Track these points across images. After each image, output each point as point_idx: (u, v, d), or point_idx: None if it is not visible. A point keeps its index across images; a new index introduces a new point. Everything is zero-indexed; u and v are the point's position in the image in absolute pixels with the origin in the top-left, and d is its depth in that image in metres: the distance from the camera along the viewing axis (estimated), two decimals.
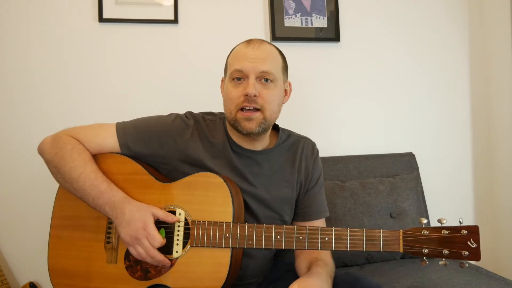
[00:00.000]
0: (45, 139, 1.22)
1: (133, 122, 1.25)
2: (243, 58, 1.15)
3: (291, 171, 1.27)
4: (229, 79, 1.17)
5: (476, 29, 2.17)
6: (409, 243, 1.01)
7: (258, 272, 1.28)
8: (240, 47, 1.20)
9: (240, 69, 1.14)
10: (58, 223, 1.22)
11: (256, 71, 1.13)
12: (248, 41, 1.19)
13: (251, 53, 1.15)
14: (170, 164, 1.21)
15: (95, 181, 1.13)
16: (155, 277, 1.12)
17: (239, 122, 1.15)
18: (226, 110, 1.19)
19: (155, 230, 1.09)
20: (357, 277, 1.14)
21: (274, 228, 1.09)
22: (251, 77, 1.13)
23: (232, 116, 1.16)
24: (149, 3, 1.83)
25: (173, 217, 1.12)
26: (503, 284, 1.47)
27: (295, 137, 1.31)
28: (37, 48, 1.76)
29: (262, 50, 1.16)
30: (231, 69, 1.17)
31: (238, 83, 1.15)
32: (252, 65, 1.13)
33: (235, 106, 1.15)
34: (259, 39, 1.21)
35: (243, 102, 1.13)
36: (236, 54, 1.19)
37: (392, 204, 1.77)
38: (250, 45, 1.17)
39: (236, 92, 1.15)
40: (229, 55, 1.23)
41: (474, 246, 0.97)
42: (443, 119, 2.14)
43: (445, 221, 1.00)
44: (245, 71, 1.14)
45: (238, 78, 1.15)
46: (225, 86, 1.21)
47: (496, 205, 2.16)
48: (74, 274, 1.18)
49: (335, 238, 1.06)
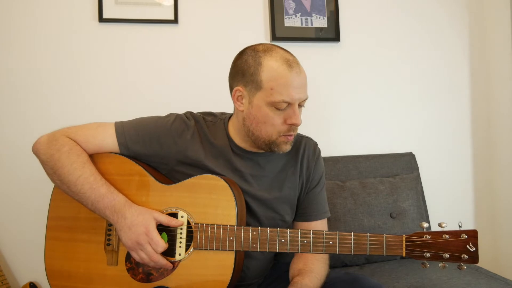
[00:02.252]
0: (40, 139, 1.18)
1: (133, 122, 1.23)
2: (291, 88, 1.08)
3: (293, 171, 1.26)
4: (269, 104, 1.10)
5: (476, 29, 2.17)
6: (411, 248, 1.03)
7: (258, 273, 1.28)
8: (282, 71, 1.08)
9: (289, 101, 1.09)
10: (55, 224, 1.21)
11: (300, 100, 1.12)
12: (288, 62, 1.10)
13: (297, 81, 1.09)
14: (169, 165, 1.20)
15: (94, 184, 1.11)
16: (157, 279, 1.11)
17: (278, 144, 1.14)
18: (263, 133, 1.13)
19: (157, 235, 1.08)
20: (357, 277, 1.14)
21: (279, 232, 1.09)
22: (296, 106, 1.11)
23: (272, 139, 1.14)
24: (149, 3, 1.82)
25: (177, 221, 1.11)
26: (503, 284, 1.47)
27: (296, 137, 1.30)
28: (37, 48, 1.76)
29: (303, 74, 1.12)
30: (276, 98, 1.08)
31: (281, 110, 1.11)
32: (299, 95, 1.10)
33: (277, 132, 1.12)
34: (293, 56, 1.13)
35: (288, 130, 1.12)
36: (279, 79, 1.08)
37: (392, 204, 1.77)
38: (293, 70, 1.09)
39: (279, 119, 1.11)
40: (263, 73, 1.09)
41: (473, 250, 1.00)
42: (443, 119, 2.14)
43: (445, 225, 1.02)
44: (292, 102, 1.10)
45: None
46: (258, 107, 1.12)
47: (496, 205, 2.16)
48: (73, 276, 1.16)
49: (339, 242, 1.06)
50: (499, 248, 2.13)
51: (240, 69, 1.14)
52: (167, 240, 1.11)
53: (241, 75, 1.13)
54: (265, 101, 1.10)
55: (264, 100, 1.10)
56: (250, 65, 1.11)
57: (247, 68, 1.12)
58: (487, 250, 2.14)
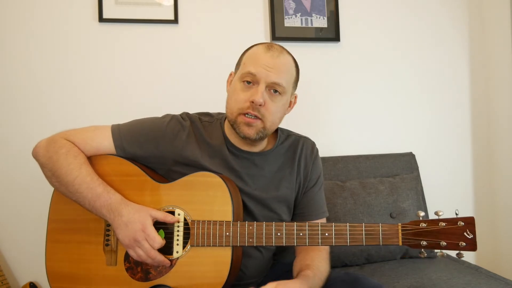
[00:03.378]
0: (40, 143, 1.21)
1: (128, 124, 1.25)
2: (260, 63, 1.13)
3: (290, 171, 1.26)
4: (239, 79, 1.15)
5: (476, 29, 2.17)
6: (408, 236, 1.03)
7: (257, 272, 1.28)
8: (259, 49, 1.16)
9: (254, 73, 1.12)
10: (55, 226, 1.22)
11: (268, 80, 1.12)
12: (270, 45, 1.16)
13: (269, 60, 1.13)
14: (166, 165, 1.21)
15: (91, 184, 1.12)
16: (156, 278, 1.11)
17: (238, 125, 1.14)
18: (228, 109, 1.18)
19: (154, 232, 1.09)
20: (357, 277, 1.14)
21: (274, 225, 1.09)
22: (261, 84, 1.12)
23: (233, 116, 1.16)
24: (149, 3, 1.83)
25: (173, 217, 1.12)
26: (503, 284, 1.47)
27: (294, 136, 1.31)
28: (37, 48, 1.76)
29: (280, 60, 1.14)
30: (244, 70, 1.14)
31: (248, 87, 1.14)
32: (266, 73, 1.12)
33: (238, 109, 1.14)
34: (281, 46, 1.18)
35: (248, 108, 1.12)
36: (253, 56, 1.16)
37: (392, 204, 1.77)
38: (270, 51, 1.14)
39: (243, 96, 1.13)
40: (246, 53, 1.20)
41: (471, 237, 0.99)
42: (443, 119, 2.14)
43: (441, 213, 1.02)
44: (257, 77, 1.12)
45: (248, 82, 1.14)
46: (233, 83, 1.19)
47: (496, 205, 2.16)
48: (73, 277, 1.17)
49: (335, 234, 1.06)
50: (499, 248, 2.13)
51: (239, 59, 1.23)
52: (164, 237, 1.12)
53: (237, 63, 1.22)
54: (238, 77, 1.17)
55: (237, 76, 1.18)
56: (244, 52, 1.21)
57: (241, 56, 1.22)
58: (487, 250, 2.14)
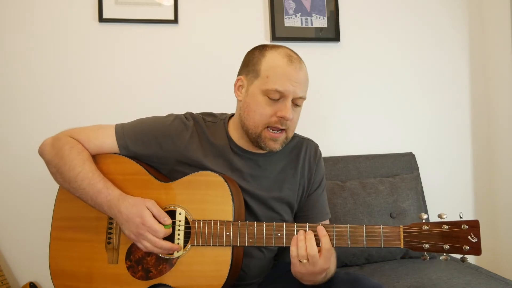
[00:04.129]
0: (46, 141, 1.23)
1: (132, 123, 1.25)
2: (286, 78, 1.10)
3: (294, 173, 1.26)
4: (263, 93, 1.11)
5: (476, 29, 2.17)
6: (409, 239, 1.01)
7: (258, 272, 1.28)
8: (281, 62, 1.11)
9: (282, 91, 1.09)
10: (59, 224, 1.23)
11: (295, 96, 1.11)
12: (290, 56, 1.13)
13: (294, 75, 1.11)
14: (169, 165, 1.21)
15: (92, 180, 1.13)
16: (156, 276, 1.12)
17: (263, 140, 1.13)
18: (250, 122, 1.14)
19: (154, 222, 1.09)
20: (357, 277, 1.13)
21: (275, 226, 1.09)
22: (289, 100, 1.11)
23: (257, 131, 1.13)
24: (149, 3, 1.83)
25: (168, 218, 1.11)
26: (503, 284, 1.47)
27: (298, 138, 1.30)
28: (37, 48, 1.76)
29: (303, 72, 1.13)
30: (269, 86, 1.10)
31: (273, 101, 1.11)
32: (294, 89, 1.10)
33: (264, 124, 1.12)
34: (297, 55, 1.16)
35: (276, 122, 1.11)
36: (277, 69, 1.11)
37: (392, 204, 1.77)
38: (293, 64, 1.11)
39: (270, 110, 1.11)
40: (263, 61, 1.13)
41: (475, 240, 0.96)
42: (443, 119, 2.14)
43: (445, 216, 0.99)
44: (285, 94, 1.10)
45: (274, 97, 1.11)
46: (253, 95, 1.14)
47: (496, 205, 2.16)
48: (75, 275, 1.18)
49: (335, 235, 1.05)
50: (499, 248, 2.13)
51: (246, 61, 1.19)
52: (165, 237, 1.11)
53: (245, 66, 1.18)
54: (260, 89, 1.12)
55: (259, 88, 1.12)
56: (255, 56, 1.16)
57: (251, 59, 1.17)
58: (487, 250, 2.13)
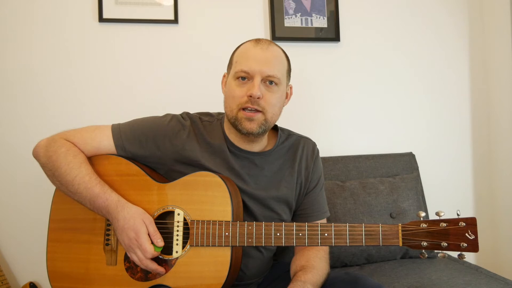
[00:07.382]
0: (40, 143, 1.21)
1: (129, 123, 1.25)
2: (251, 58, 1.14)
3: (291, 171, 1.26)
4: (233, 77, 1.16)
5: (476, 28, 2.17)
6: (408, 237, 1.02)
7: (257, 272, 1.28)
8: (248, 46, 1.18)
9: (247, 70, 1.13)
10: (56, 226, 1.22)
11: (262, 74, 1.13)
12: (257, 40, 1.18)
13: (259, 54, 1.14)
14: (167, 165, 1.21)
15: (88, 183, 1.12)
16: (155, 277, 1.11)
17: (240, 121, 1.14)
18: (227, 108, 1.18)
19: (146, 242, 1.08)
20: (357, 277, 1.13)
21: (274, 226, 1.09)
22: (256, 78, 1.13)
23: (233, 114, 1.15)
24: (149, 3, 1.83)
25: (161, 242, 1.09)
26: (503, 284, 1.47)
27: (295, 137, 1.31)
28: (37, 48, 1.76)
29: (270, 52, 1.16)
30: (236, 68, 1.15)
31: (243, 83, 1.14)
32: (259, 67, 1.13)
33: (237, 105, 1.14)
34: (268, 39, 1.20)
35: (246, 102, 1.13)
36: (243, 53, 1.17)
37: (392, 204, 1.77)
38: (259, 46, 1.16)
39: (240, 92, 1.14)
40: (235, 52, 1.21)
41: (472, 237, 0.98)
42: (443, 119, 2.14)
43: (443, 213, 1.01)
44: (251, 73, 1.13)
45: (243, 78, 1.14)
46: (227, 83, 1.20)
47: (496, 205, 2.16)
48: (74, 276, 1.17)
49: (334, 234, 1.06)
50: (499, 248, 2.13)
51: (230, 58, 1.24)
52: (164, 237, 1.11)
53: (228, 63, 1.23)
54: (231, 76, 1.18)
55: (231, 76, 1.19)
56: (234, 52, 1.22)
57: (231, 56, 1.23)
58: (487, 250, 2.14)
